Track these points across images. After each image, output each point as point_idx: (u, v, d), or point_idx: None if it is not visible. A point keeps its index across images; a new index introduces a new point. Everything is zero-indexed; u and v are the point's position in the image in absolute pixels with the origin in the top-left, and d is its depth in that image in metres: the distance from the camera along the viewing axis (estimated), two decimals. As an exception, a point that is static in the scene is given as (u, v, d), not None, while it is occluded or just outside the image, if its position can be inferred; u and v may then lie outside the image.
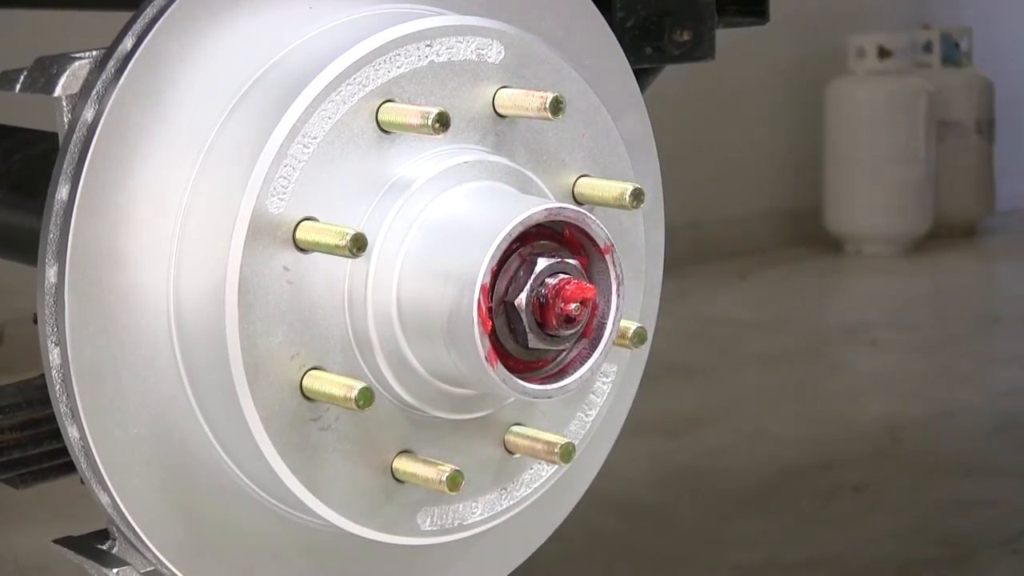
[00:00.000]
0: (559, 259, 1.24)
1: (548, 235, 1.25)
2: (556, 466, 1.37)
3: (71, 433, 1.24)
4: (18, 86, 1.27)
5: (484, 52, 1.30)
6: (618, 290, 1.27)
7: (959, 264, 7.55)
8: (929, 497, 4.28)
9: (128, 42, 1.23)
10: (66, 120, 1.24)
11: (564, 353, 1.28)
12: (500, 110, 1.31)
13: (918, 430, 4.87)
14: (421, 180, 1.26)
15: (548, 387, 1.26)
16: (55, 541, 1.33)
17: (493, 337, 1.22)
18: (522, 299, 1.22)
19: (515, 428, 1.35)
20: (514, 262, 1.23)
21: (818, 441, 4.81)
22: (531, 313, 1.23)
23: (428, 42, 1.27)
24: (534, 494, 1.38)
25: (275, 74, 1.27)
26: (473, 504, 1.34)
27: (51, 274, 1.22)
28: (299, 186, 1.21)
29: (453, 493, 1.26)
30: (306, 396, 1.24)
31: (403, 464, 1.28)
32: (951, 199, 7.75)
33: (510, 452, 1.35)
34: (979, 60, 8.01)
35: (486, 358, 1.21)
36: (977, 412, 5.11)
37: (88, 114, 1.22)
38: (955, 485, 4.37)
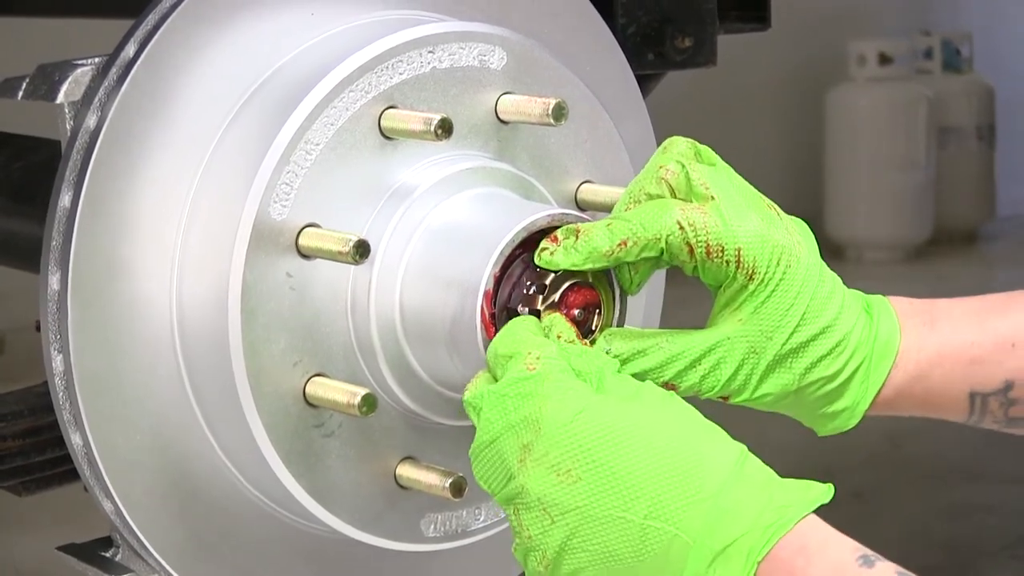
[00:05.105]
0: (562, 265, 1.24)
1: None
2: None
3: (74, 440, 1.24)
4: (20, 93, 1.27)
5: (486, 58, 1.30)
6: (621, 296, 1.27)
7: (960, 270, 7.53)
8: (929, 503, 4.27)
9: (130, 49, 1.23)
10: (68, 127, 1.24)
11: (567, 359, 1.27)
12: (502, 116, 1.30)
13: (918, 436, 4.86)
14: (424, 186, 1.26)
15: (551, 393, 1.25)
16: (59, 548, 1.33)
17: (496, 343, 1.21)
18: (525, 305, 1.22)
19: (518, 434, 1.34)
20: (517, 268, 1.23)
21: (818, 447, 4.79)
22: (534, 319, 1.22)
23: (430, 48, 1.27)
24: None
25: (277, 81, 1.27)
26: (476, 510, 1.34)
27: (54, 281, 1.22)
28: (302, 193, 1.21)
29: (457, 499, 1.26)
30: (309, 403, 1.23)
31: (406, 470, 1.28)
32: (952, 205, 7.74)
33: (513, 458, 1.35)
34: (980, 66, 7.99)
35: (489, 364, 1.20)
36: (978, 418, 5.10)
37: (90, 121, 1.22)
38: (955, 491, 4.37)
